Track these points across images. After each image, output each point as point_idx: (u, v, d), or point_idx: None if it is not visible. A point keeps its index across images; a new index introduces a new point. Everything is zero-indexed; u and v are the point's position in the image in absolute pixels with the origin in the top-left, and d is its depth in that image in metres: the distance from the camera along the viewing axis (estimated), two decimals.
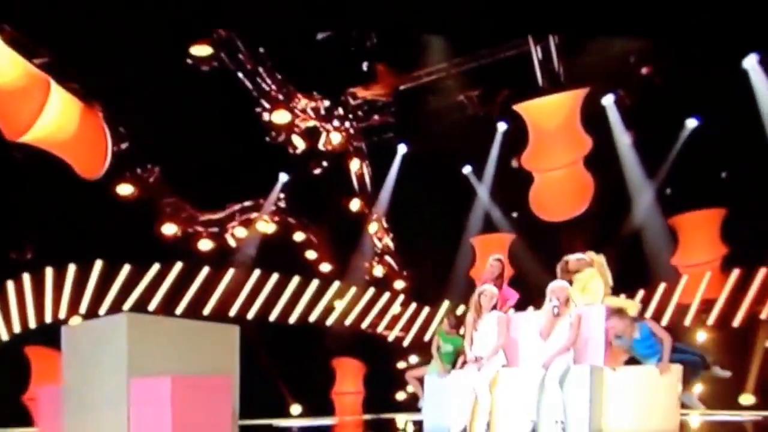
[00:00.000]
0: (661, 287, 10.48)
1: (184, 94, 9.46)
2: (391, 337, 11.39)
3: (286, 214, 11.21)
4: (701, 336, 10.31)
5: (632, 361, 6.44)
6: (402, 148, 11.33)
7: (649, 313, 9.11)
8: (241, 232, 10.93)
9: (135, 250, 9.85)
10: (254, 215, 10.98)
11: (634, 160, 10.78)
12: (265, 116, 10.17)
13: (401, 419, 9.90)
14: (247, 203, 10.99)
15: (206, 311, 10.16)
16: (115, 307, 9.47)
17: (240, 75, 10.07)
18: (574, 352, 5.88)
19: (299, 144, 10.55)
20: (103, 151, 9.66)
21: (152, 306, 9.94)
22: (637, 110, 10.70)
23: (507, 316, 6.29)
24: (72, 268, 9.62)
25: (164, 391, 5.62)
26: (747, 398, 9.47)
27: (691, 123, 10.57)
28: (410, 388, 11.22)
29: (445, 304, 10.57)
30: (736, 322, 10.05)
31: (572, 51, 10.47)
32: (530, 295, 7.61)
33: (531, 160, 11.10)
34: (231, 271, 10.40)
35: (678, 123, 10.66)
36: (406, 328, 11.40)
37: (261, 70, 10.14)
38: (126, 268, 9.79)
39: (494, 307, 6.10)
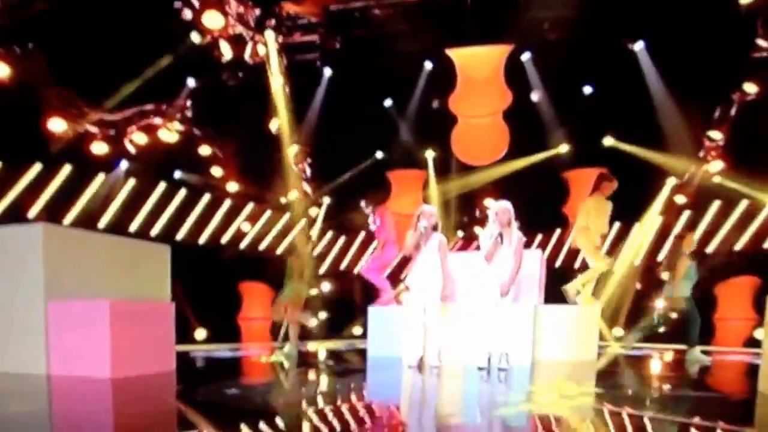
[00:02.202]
0: (557, 233, 11.24)
1: None
2: None
3: (192, 124, 10.00)
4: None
5: None
6: (328, 72, 10.57)
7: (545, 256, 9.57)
8: (140, 138, 9.56)
9: (12, 146, 8.17)
10: (157, 121, 9.65)
11: (542, 116, 11.32)
12: (187, 13, 8.76)
13: (312, 346, 9.65)
14: (149, 107, 9.59)
15: (101, 224, 8.87)
16: None
17: None
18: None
19: (226, 52, 9.30)
20: None
21: (32, 214, 8.41)
22: (544, 72, 11.11)
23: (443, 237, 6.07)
24: None
25: (102, 315, 4.82)
26: (618, 331, 10.59)
27: (587, 89, 11.30)
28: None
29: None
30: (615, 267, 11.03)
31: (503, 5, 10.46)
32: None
33: (458, 105, 11.09)
34: (132, 181, 9.10)
35: (577, 89, 11.27)
36: (322, 256, 11.01)
37: None
38: None
39: (434, 228, 5.91)
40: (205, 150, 10.28)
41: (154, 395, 4.22)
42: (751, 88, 9.81)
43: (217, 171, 10.39)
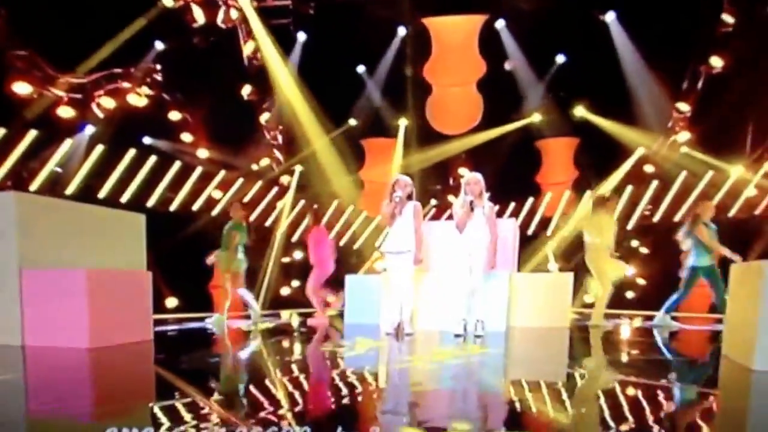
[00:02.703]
0: (529, 201, 11.43)
1: None
2: (279, 232, 10.86)
3: (162, 89, 9.72)
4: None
5: None
6: (302, 37, 10.34)
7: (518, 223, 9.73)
8: (108, 102, 9.26)
9: None
10: (125, 85, 9.35)
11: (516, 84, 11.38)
12: None
13: (285, 314, 9.69)
14: (116, 70, 9.27)
15: (68, 191, 8.62)
16: None
17: None
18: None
19: (199, 16, 8.98)
20: None
21: None
22: (518, 41, 11.11)
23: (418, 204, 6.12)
24: None
25: (79, 284, 4.74)
26: (590, 297, 10.85)
27: (560, 58, 11.37)
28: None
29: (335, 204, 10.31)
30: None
31: None
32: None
33: (432, 73, 11.05)
34: (99, 147, 8.84)
35: (549, 58, 11.33)
36: (294, 225, 10.96)
37: None
38: None
39: (409, 197, 5.99)
40: (174, 115, 10.02)
41: (134, 364, 4.21)
42: (717, 62, 10.00)
43: (187, 137, 10.15)
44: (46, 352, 4.43)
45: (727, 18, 9.71)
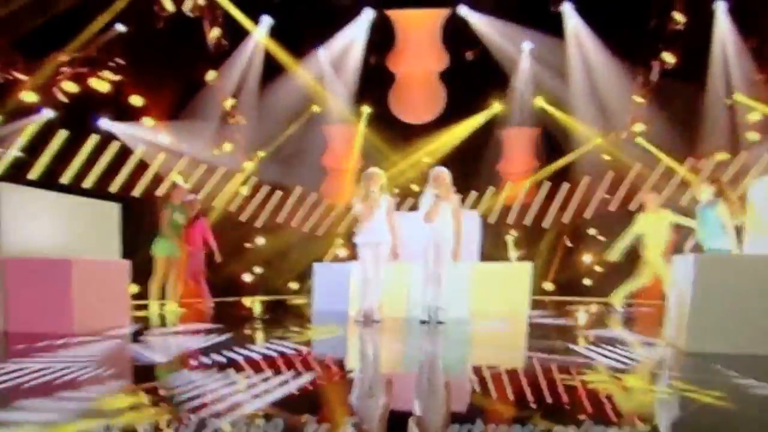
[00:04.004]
0: (489, 190, 12.23)
1: None
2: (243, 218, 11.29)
3: (124, 73, 9.98)
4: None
5: None
6: (266, 20, 10.72)
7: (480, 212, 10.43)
8: (70, 86, 9.49)
9: None
10: (86, 69, 9.58)
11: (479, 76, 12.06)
12: None
13: (247, 301, 10.21)
14: (78, 54, 9.49)
15: (31, 176, 8.87)
16: None
17: None
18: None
19: (169, 5, 9.24)
20: None
21: None
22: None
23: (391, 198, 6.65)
24: None
25: (63, 272, 5.19)
26: (548, 285, 11.85)
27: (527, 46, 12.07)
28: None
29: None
30: (546, 224, 12.25)
31: None
32: None
33: (396, 64, 11.68)
34: (63, 132, 9.08)
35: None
36: (257, 212, 11.43)
37: None
38: None
39: (381, 189, 6.39)
40: (136, 100, 10.30)
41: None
42: (669, 57, 10.88)
43: (149, 122, 10.46)
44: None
45: (678, 17, 10.55)
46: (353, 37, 11.44)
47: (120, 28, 9.83)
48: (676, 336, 4.86)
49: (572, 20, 11.35)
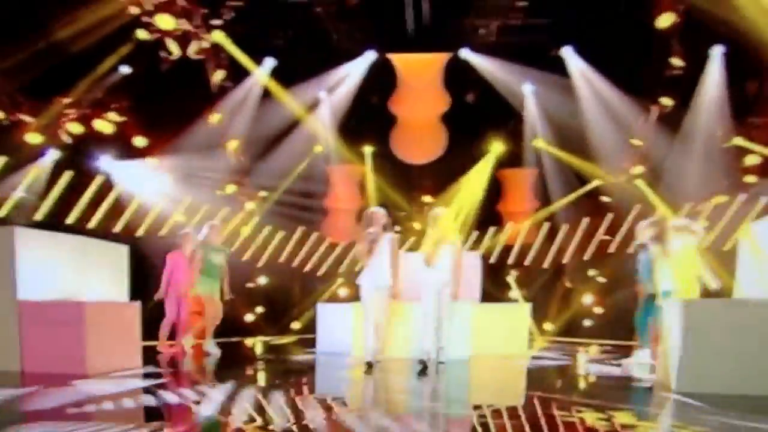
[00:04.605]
0: (491, 230, 12.56)
1: None
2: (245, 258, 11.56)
3: (128, 114, 10.41)
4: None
5: None
6: (270, 62, 11.18)
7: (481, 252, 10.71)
8: (76, 128, 9.91)
9: None
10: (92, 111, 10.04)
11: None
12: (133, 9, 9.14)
13: (249, 341, 10.41)
14: (85, 96, 9.93)
15: (38, 216, 9.21)
16: None
17: None
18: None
19: (174, 49, 9.71)
20: None
21: None
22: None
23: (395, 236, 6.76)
24: None
25: (76, 315, 5.46)
26: (549, 326, 12.06)
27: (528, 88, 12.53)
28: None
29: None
30: (546, 264, 12.55)
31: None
32: None
33: (397, 107, 12.20)
34: (68, 173, 9.46)
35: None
36: (259, 253, 11.73)
37: None
38: None
39: (384, 228, 6.56)
40: (140, 141, 10.69)
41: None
42: (667, 101, 11.33)
43: (153, 162, 10.82)
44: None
45: (676, 61, 11.02)
46: (355, 79, 11.87)
47: (124, 70, 10.28)
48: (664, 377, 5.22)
49: (574, 62, 11.71)
